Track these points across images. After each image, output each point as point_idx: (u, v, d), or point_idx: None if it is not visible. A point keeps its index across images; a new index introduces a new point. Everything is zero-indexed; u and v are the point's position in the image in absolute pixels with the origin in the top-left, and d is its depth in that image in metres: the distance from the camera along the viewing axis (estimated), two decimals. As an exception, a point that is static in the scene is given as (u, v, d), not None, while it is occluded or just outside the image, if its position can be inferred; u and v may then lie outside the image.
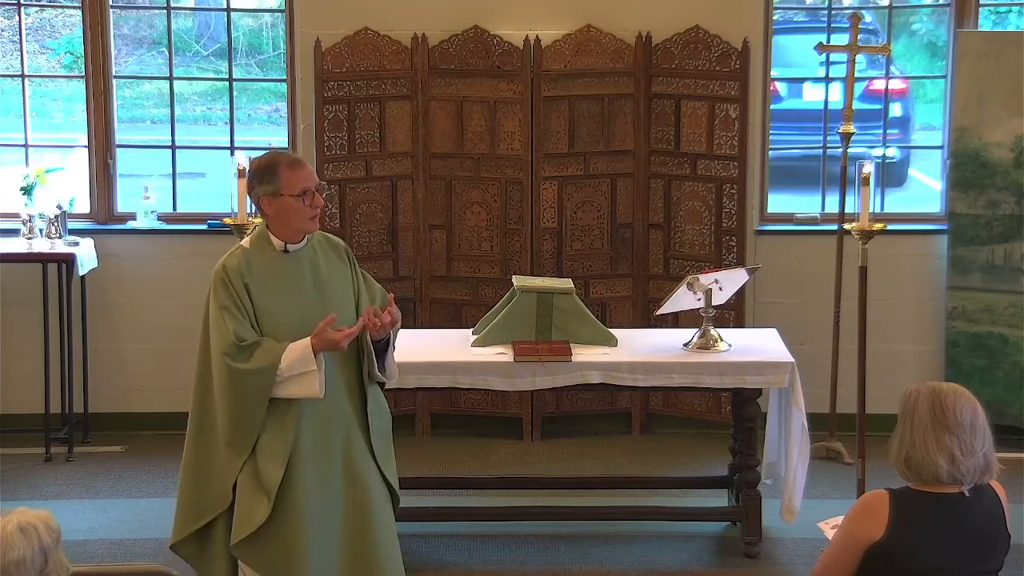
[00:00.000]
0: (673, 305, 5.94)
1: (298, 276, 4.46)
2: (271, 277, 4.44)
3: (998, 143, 7.04)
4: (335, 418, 4.44)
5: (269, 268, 4.45)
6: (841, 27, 7.30)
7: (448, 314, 7.20)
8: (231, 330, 4.35)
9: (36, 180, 7.08)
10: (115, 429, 7.22)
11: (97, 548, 5.87)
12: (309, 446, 4.40)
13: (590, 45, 7.06)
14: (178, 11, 10.59)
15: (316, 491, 4.39)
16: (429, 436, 7.24)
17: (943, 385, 3.58)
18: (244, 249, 4.49)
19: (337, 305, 4.46)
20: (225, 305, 4.39)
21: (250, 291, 4.40)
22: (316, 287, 4.47)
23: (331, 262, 4.54)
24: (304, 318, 4.39)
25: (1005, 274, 7.07)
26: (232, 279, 4.40)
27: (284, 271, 4.45)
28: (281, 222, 4.44)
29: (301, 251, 4.48)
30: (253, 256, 4.46)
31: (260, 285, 4.42)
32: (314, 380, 4.31)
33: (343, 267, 4.56)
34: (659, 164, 7.16)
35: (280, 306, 4.43)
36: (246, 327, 4.37)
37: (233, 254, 4.48)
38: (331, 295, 4.48)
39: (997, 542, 3.59)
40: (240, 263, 4.43)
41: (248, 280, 4.40)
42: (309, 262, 4.49)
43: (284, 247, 4.46)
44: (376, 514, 4.46)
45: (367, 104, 7.07)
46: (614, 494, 6.24)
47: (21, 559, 3.00)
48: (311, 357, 4.29)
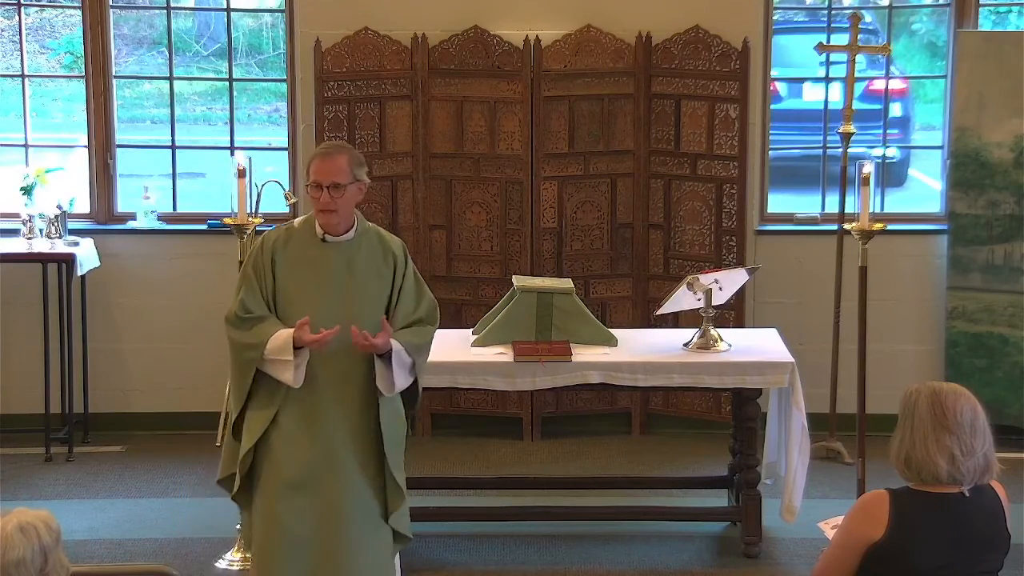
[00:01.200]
0: (673, 305, 5.94)
1: (327, 267, 4.50)
2: (301, 261, 4.51)
3: (998, 143, 7.04)
4: (328, 420, 4.45)
5: (303, 252, 4.52)
6: (841, 27, 7.30)
7: (448, 314, 7.18)
8: (241, 299, 4.49)
9: (36, 180, 7.08)
10: (115, 429, 7.22)
11: (97, 548, 5.87)
12: (288, 436, 4.46)
13: (590, 45, 7.06)
14: (178, 11, 10.59)
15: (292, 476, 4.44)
16: (429, 436, 7.24)
17: (943, 385, 3.58)
18: (291, 227, 4.61)
19: (361, 307, 4.48)
20: (247, 273, 4.54)
21: (276, 267, 4.50)
22: (343, 282, 4.50)
23: (373, 262, 4.55)
24: (319, 308, 4.44)
25: (1005, 274, 7.07)
26: (264, 250, 4.53)
27: (316, 259, 4.51)
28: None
29: (343, 244, 4.53)
30: (295, 236, 4.56)
31: (288, 265, 4.51)
32: (288, 369, 4.39)
33: (385, 269, 4.56)
34: (659, 164, 7.16)
35: (299, 291, 4.49)
36: (257, 299, 4.49)
37: (278, 229, 4.61)
38: (355, 294, 4.50)
39: (997, 542, 3.59)
40: (279, 238, 4.55)
41: (278, 256, 4.51)
42: (346, 256, 4.52)
43: (323, 236, 4.52)
44: (352, 520, 4.46)
45: (367, 104, 7.07)
46: (614, 494, 6.24)
47: (21, 559, 3.00)
48: (289, 348, 4.37)
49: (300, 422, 4.46)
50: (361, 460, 4.49)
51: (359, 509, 4.48)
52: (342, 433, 4.47)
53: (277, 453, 4.46)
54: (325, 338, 4.34)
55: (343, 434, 4.47)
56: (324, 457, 4.46)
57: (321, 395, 4.47)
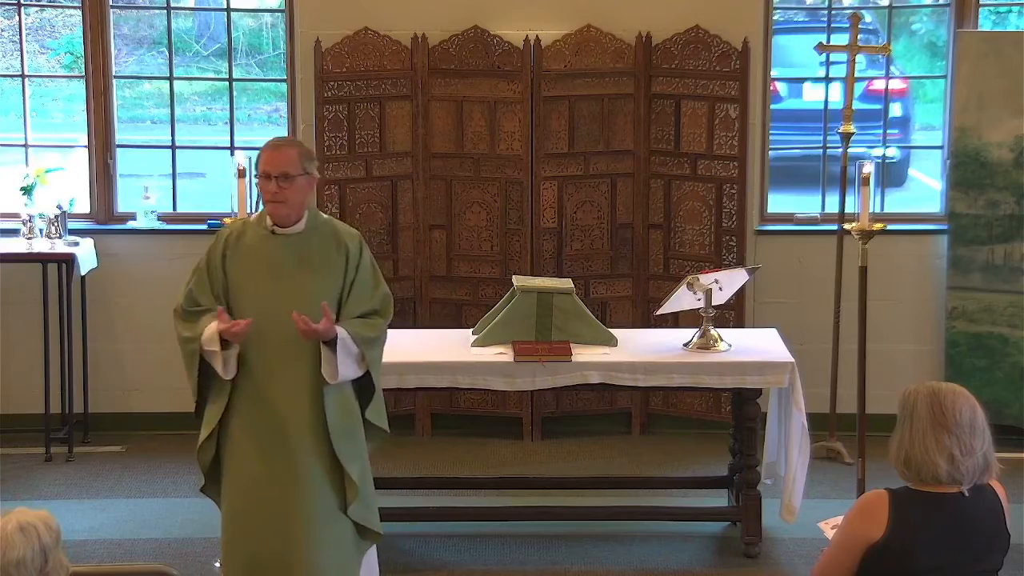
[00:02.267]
0: (673, 305, 5.94)
1: (276, 259, 4.55)
2: (252, 254, 4.58)
3: (998, 143, 7.04)
4: (279, 409, 4.52)
5: (254, 245, 4.59)
6: (841, 27, 7.30)
7: (448, 314, 7.20)
8: (189, 291, 4.61)
9: (36, 180, 7.08)
10: (115, 429, 7.22)
11: (97, 548, 5.87)
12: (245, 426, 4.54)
13: (590, 45, 7.06)
14: (178, 11, 10.59)
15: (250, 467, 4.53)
16: (429, 436, 7.24)
17: (942, 385, 3.58)
18: (246, 221, 4.71)
19: (308, 296, 4.51)
20: (200, 266, 4.64)
21: (227, 260, 4.58)
22: (291, 274, 4.54)
23: (325, 254, 4.58)
24: (267, 300, 4.51)
25: (1005, 274, 7.07)
26: (217, 244, 4.63)
27: (265, 252, 4.57)
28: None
29: (292, 236, 4.57)
30: (249, 229, 4.63)
31: (239, 258, 4.58)
32: (217, 360, 4.48)
33: (337, 260, 4.58)
34: (659, 164, 7.16)
35: (249, 283, 4.56)
36: (205, 292, 4.58)
37: (236, 221, 4.74)
38: (303, 286, 4.54)
39: (997, 542, 3.59)
40: (232, 232, 4.64)
41: (230, 250, 4.59)
42: (296, 249, 4.56)
43: (272, 228, 4.58)
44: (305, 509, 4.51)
45: (367, 104, 7.07)
46: (614, 494, 6.23)
47: (21, 558, 3.00)
48: (215, 338, 4.45)
49: (254, 412, 4.54)
50: (314, 450, 4.53)
51: (313, 499, 4.52)
52: (294, 423, 4.52)
53: (236, 443, 4.56)
54: (237, 328, 4.40)
55: (295, 424, 4.52)
56: (278, 447, 4.52)
57: (271, 385, 4.52)
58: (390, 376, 5.58)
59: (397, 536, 5.87)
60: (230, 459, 4.59)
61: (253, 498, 4.53)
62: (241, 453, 4.55)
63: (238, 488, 4.57)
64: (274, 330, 4.50)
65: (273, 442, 4.52)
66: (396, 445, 6.99)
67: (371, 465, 4.73)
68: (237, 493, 4.58)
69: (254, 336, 4.48)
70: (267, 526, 4.51)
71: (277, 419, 4.52)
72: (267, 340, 4.51)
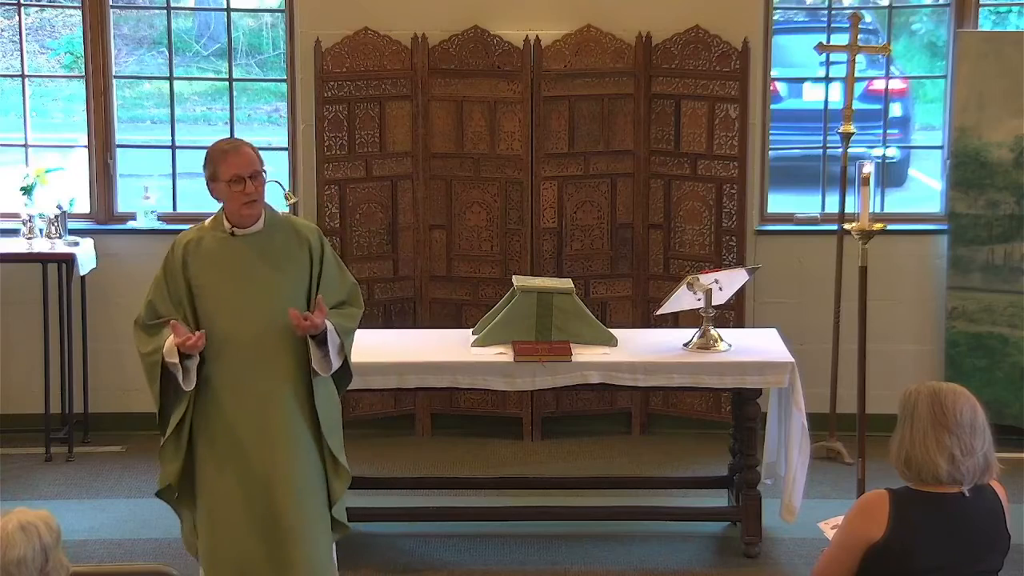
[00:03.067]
0: (673, 305, 5.94)
1: (240, 261, 4.53)
2: (214, 258, 4.54)
3: (998, 143, 7.04)
4: (258, 410, 4.49)
5: (215, 249, 4.55)
6: (841, 27, 7.30)
7: (448, 314, 7.20)
8: (150, 302, 4.57)
9: (36, 180, 7.08)
10: (115, 429, 7.22)
11: (97, 548, 5.87)
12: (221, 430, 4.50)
13: (590, 45, 7.06)
14: (178, 11, 10.59)
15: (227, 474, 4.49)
16: (429, 436, 7.24)
17: (943, 385, 3.58)
18: (201, 227, 4.64)
19: (275, 295, 4.51)
20: (157, 278, 4.60)
21: (188, 268, 4.54)
22: (256, 275, 4.53)
23: (287, 250, 4.58)
24: (236, 303, 4.50)
25: (1005, 274, 7.07)
26: (175, 253, 4.58)
27: (227, 254, 4.54)
28: (226, 207, 4.57)
29: (253, 236, 4.55)
30: (206, 235, 4.59)
31: (201, 264, 4.54)
32: (179, 372, 4.45)
33: (300, 256, 4.59)
34: (659, 164, 7.16)
35: (215, 288, 4.53)
36: (166, 303, 4.54)
37: (190, 230, 4.65)
38: (269, 285, 4.53)
39: (997, 542, 3.59)
40: (190, 240, 4.59)
41: (190, 257, 4.55)
42: (258, 248, 4.54)
43: (231, 230, 4.55)
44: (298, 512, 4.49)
45: (367, 104, 7.07)
46: (614, 494, 6.23)
47: (22, 558, 3.00)
48: (174, 350, 4.41)
49: (230, 415, 4.50)
50: (298, 449, 4.52)
51: (303, 498, 4.51)
52: (276, 423, 4.50)
53: (211, 448, 4.51)
54: (189, 341, 4.36)
55: (277, 424, 4.50)
56: (261, 448, 4.48)
57: (248, 387, 4.50)
58: (390, 376, 5.59)
59: (397, 536, 5.87)
60: (205, 465, 4.55)
61: (238, 502, 4.49)
62: (218, 458, 4.51)
63: (218, 494, 4.51)
64: (245, 331, 4.50)
65: (255, 443, 4.49)
66: (396, 445, 6.99)
67: (371, 465, 4.74)
68: (217, 499, 4.52)
69: (225, 339, 4.48)
70: (256, 530, 4.48)
71: (258, 420, 4.50)
72: (239, 342, 4.49)
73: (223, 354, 4.50)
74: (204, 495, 4.57)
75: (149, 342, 4.51)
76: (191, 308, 4.52)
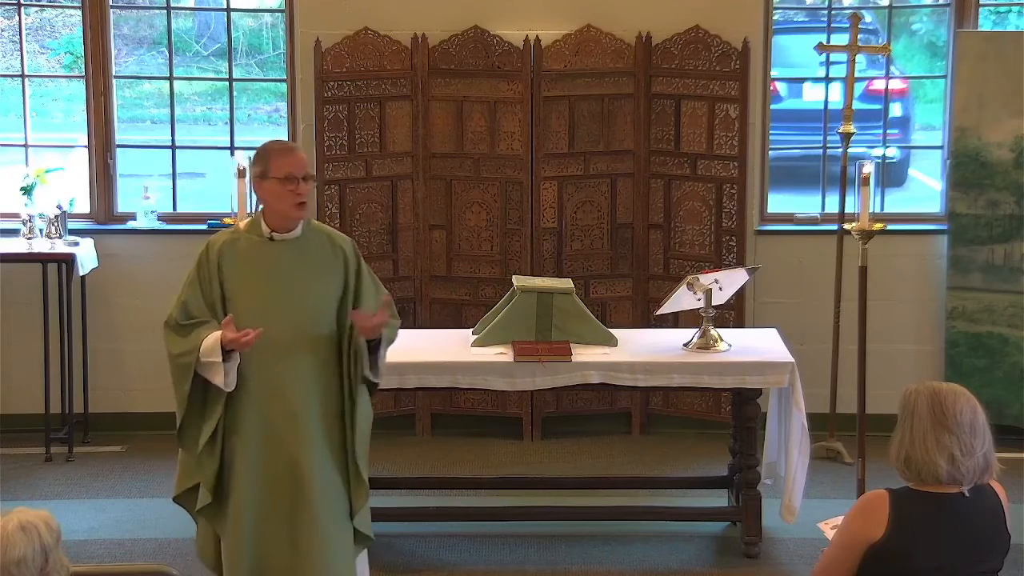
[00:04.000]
0: (673, 305, 5.94)
1: (276, 266, 4.49)
2: (249, 262, 4.49)
3: (998, 143, 7.04)
4: (288, 416, 4.45)
5: (251, 253, 4.50)
6: (841, 27, 7.30)
7: (448, 314, 7.20)
8: (183, 303, 4.49)
9: (36, 180, 7.08)
10: (115, 429, 7.22)
11: (97, 548, 5.87)
12: (251, 437, 4.45)
13: (590, 45, 7.06)
14: (178, 11, 10.59)
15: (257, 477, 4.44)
16: (429, 436, 7.24)
17: (942, 385, 3.58)
18: (236, 230, 4.60)
19: (309, 302, 4.48)
20: (191, 278, 4.53)
21: (223, 270, 4.48)
22: (293, 280, 4.48)
23: (323, 259, 4.54)
24: (270, 308, 4.45)
25: (1005, 274, 7.07)
26: (210, 254, 4.52)
27: (264, 258, 4.49)
28: (270, 207, 4.51)
29: (290, 242, 4.51)
30: (241, 238, 4.54)
31: (236, 267, 4.49)
32: (219, 371, 4.39)
33: (335, 265, 4.54)
34: (659, 164, 7.16)
35: (249, 292, 4.48)
36: (200, 305, 4.48)
37: (224, 232, 4.59)
38: (305, 291, 4.49)
39: (997, 542, 3.59)
40: (225, 243, 4.53)
41: (224, 260, 4.49)
42: (296, 254, 4.50)
43: (270, 235, 4.50)
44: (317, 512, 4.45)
45: (367, 104, 7.07)
46: (614, 494, 6.23)
47: (22, 557, 3.00)
48: (216, 348, 4.36)
49: (260, 422, 4.45)
50: (326, 457, 4.49)
51: (325, 509, 4.47)
52: (305, 430, 4.46)
53: (239, 455, 4.46)
54: (246, 337, 4.30)
55: (306, 432, 4.46)
56: (291, 454, 4.45)
57: (278, 393, 4.45)
58: (390, 376, 5.56)
59: (397, 536, 5.87)
60: (233, 468, 4.48)
61: (262, 510, 4.45)
62: (247, 461, 4.46)
63: (244, 501, 4.46)
64: (277, 336, 4.43)
65: (283, 447, 4.44)
66: (396, 445, 6.99)
67: (371, 465, 4.73)
68: (243, 506, 4.47)
69: (257, 344, 4.38)
70: (278, 537, 4.45)
71: (287, 427, 4.45)
72: (270, 347, 4.42)
73: (253, 359, 4.43)
74: (231, 497, 4.50)
75: (181, 343, 4.44)
76: (223, 311, 4.46)
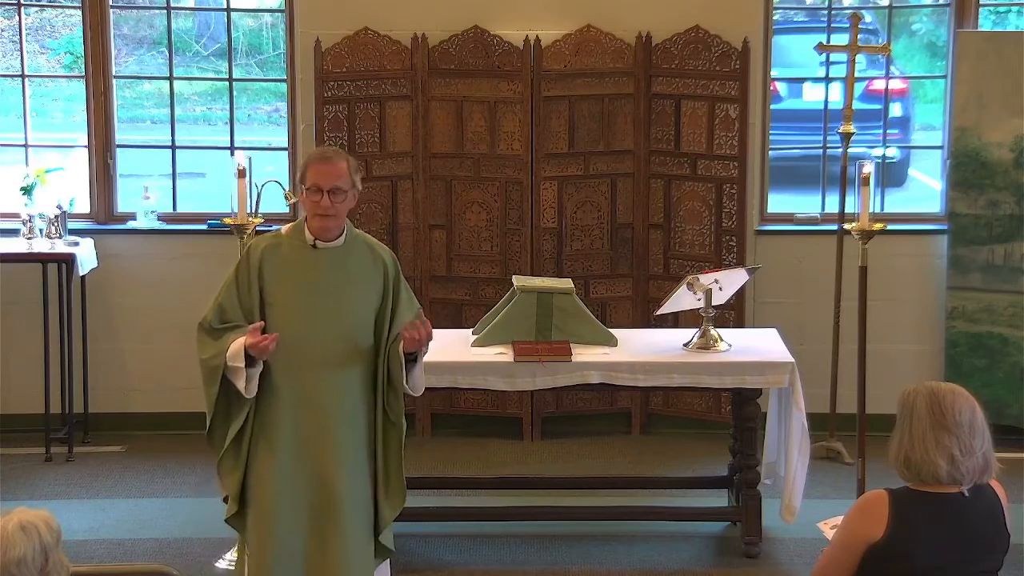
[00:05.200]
0: (673, 305, 5.94)
1: (317, 273, 4.46)
2: (291, 267, 4.46)
3: (998, 143, 7.04)
4: (322, 426, 4.40)
5: (293, 258, 4.47)
6: (841, 27, 7.30)
7: (448, 314, 7.20)
8: (219, 306, 4.45)
9: (36, 180, 7.08)
10: (115, 429, 7.22)
11: (97, 548, 5.87)
12: (284, 441, 4.41)
13: (590, 45, 7.06)
14: (178, 11, 10.58)
15: (285, 486, 4.40)
16: (429, 436, 7.24)
17: (941, 385, 3.58)
18: (278, 235, 4.55)
19: (351, 313, 4.44)
20: (229, 281, 4.49)
21: (263, 275, 4.44)
22: (333, 289, 4.45)
23: (363, 269, 4.50)
24: (309, 315, 4.41)
25: (1005, 274, 7.07)
26: (251, 258, 4.48)
27: (306, 265, 4.46)
28: (308, 215, 4.49)
29: (332, 250, 4.47)
30: (284, 243, 4.51)
31: (277, 272, 4.45)
32: (240, 377, 4.35)
33: (375, 276, 4.50)
34: (659, 164, 7.16)
35: (288, 297, 4.44)
36: (235, 308, 4.44)
37: (266, 236, 4.56)
38: (345, 300, 4.45)
39: (996, 542, 3.59)
40: (268, 246, 4.49)
41: (266, 264, 4.45)
42: (338, 263, 4.47)
43: (313, 242, 4.47)
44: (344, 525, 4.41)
45: (367, 104, 7.07)
46: (614, 494, 6.24)
47: (22, 557, 3.00)
48: (240, 354, 4.32)
49: (293, 428, 4.42)
50: (357, 473, 4.45)
51: (354, 524, 4.44)
52: (341, 440, 4.42)
53: (268, 469, 4.42)
54: (263, 342, 4.27)
55: (341, 441, 4.42)
56: (321, 462, 4.41)
57: (312, 402, 4.41)
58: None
59: (397, 536, 5.85)
60: (261, 474, 4.43)
61: (288, 521, 4.40)
62: (272, 474, 4.40)
63: (269, 511, 4.41)
64: (315, 344, 4.40)
65: (314, 454, 4.40)
66: (396, 445, 6.99)
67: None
68: (268, 516, 4.41)
69: (293, 351, 4.37)
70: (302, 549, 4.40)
71: (318, 438, 4.40)
72: (308, 354, 4.40)
73: (290, 365, 4.40)
74: (256, 511, 4.44)
75: (211, 347, 4.40)
76: (261, 316, 4.41)
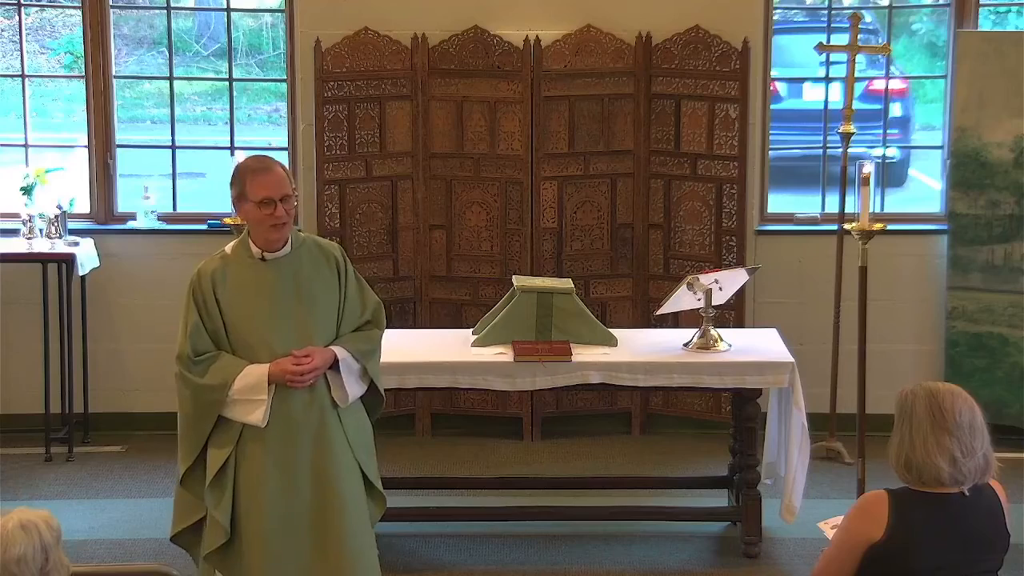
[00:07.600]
0: (673, 305, 5.94)
1: (276, 287, 4.32)
2: (246, 286, 4.32)
3: (998, 143, 7.04)
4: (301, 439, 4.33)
5: (245, 277, 4.33)
6: (841, 27, 7.30)
7: (448, 314, 7.20)
8: (189, 338, 4.30)
9: (36, 180, 7.08)
10: (115, 429, 7.22)
11: (97, 548, 5.87)
12: (276, 452, 4.31)
13: (590, 45, 7.06)
14: (178, 11, 10.59)
15: (280, 501, 4.31)
16: (429, 436, 7.24)
17: (938, 385, 3.57)
18: (224, 255, 4.39)
19: (316, 320, 4.35)
20: (188, 310, 4.33)
21: (220, 300, 4.30)
22: (295, 299, 4.34)
23: (318, 271, 4.40)
24: (276, 332, 4.30)
25: (1005, 274, 7.07)
26: (203, 286, 4.32)
27: (261, 281, 4.32)
28: (253, 229, 4.35)
29: (283, 259, 4.35)
30: (231, 263, 4.35)
31: (232, 294, 4.31)
32: (260, 409, 4.25)
33: (330, 276, 4.41)
34: (659, 164, 7.16)
35: (251, 318, 4.31)
36: (203, 338, 4.30)
37: (212, 259, 4.39)
38: (311, 309, 4.36)
39: (996, 542, 3.59)
40: (215, 270, 4.33)
41: (219, 288, 4.31)
42: (291, 272, 4.35)
43: (261, 255, 4.34)
44: (347, 522, 4.36)
45: (367, 104, 7.07)
46: (614, 494, 6.23)
47: (22, 556, 3.00)
48: (264, 386, 4.23)
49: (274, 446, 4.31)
50: (343, 474, 4.38)
51: (352, 526, 4.37)
52: (320, 451, 4.34)
53: (252, 497, 4.31)
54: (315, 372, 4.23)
55: (320, 452, 4.34)
56: (307, 478, 4.33)
57: (290, 419, 4.32)
58: (390, 376, 5.56)
59: (397, 536, 5.87)
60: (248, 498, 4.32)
61: (285, 535, 4.31)
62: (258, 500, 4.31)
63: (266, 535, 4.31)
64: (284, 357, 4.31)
65: (299, 474, 4.31)
66: (396, 445, 6.99)
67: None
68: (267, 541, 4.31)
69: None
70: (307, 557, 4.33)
71: (302, 450, 4.32)
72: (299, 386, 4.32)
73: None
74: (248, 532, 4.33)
75: (204, 380, 4.28)
76: (226, 339, 4.31)
